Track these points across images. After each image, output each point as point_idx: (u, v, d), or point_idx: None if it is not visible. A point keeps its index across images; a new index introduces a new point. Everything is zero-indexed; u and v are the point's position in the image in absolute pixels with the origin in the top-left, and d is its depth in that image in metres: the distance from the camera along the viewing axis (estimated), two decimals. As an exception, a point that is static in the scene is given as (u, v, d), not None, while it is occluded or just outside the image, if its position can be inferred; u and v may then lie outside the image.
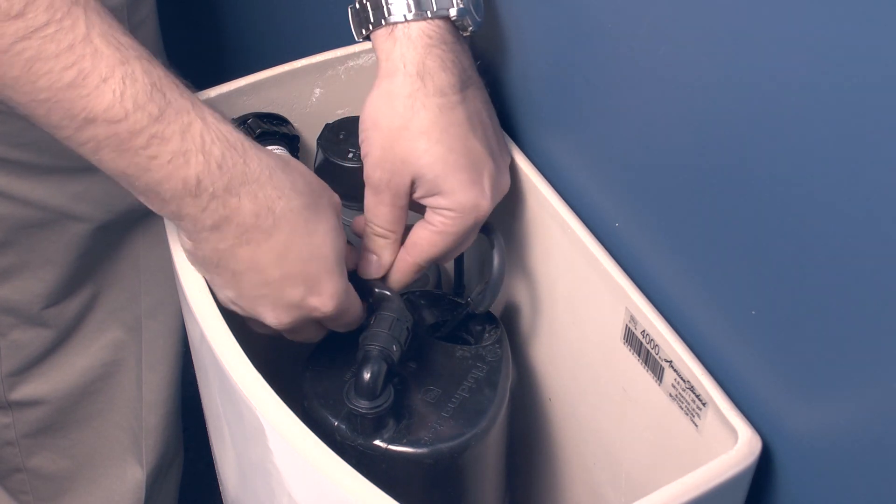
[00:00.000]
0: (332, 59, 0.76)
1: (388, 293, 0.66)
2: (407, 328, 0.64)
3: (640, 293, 0.64)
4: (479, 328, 0.72)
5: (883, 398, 0.51)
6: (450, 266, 0.79)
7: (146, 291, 0.96)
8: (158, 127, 0.54)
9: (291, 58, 0.76)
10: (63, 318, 0.93)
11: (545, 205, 0.70)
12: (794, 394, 0.56)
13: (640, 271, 0.65)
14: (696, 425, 0.61)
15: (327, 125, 0.74)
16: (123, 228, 0.92)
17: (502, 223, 0.76)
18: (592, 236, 0.67)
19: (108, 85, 0.53)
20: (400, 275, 0.67)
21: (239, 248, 0.58)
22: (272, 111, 0.75)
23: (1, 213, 0.85)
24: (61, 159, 0.82)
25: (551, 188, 0.70)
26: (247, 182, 0.57)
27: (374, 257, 0.67)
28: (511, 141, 0.73)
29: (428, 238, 0.65)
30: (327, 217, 0.61)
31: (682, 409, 0.62)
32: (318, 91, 0.77)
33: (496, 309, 0.72)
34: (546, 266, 0.73)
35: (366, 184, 0.65)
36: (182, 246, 0.61)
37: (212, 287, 0.63)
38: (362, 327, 0.65)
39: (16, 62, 0.51)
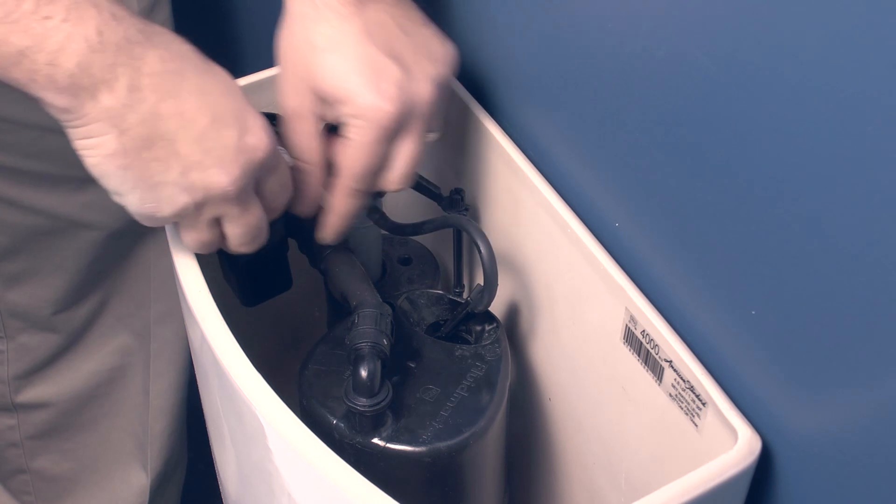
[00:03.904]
0: (332, 60, 0.76)
1: (364, 294, 0.66)
2: (390, 320, 0.64)
3: (640, 293, 0.64)
4: (478, 327, 0.71)
5: (883, 398, 0.50)
6: (450, 265, 0.79)
7: (156, 299, 0.96)
8: None
9: (292, 58, 0.76)
10: (72, 323, 0.94)
11: (545, 204, 0.70)
12: (793, 394, 0.56)
13: (640, 271, 0.65)
14: (696, 425, 0.61)
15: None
16: (134, 236, 0.92)
17: (501, 222, 0.76)
18: (592, 236, 0.67)
19: None
20: (338, 201, 0.66)
21: (161, 104, 0.56)
22: (272, 111, 0.75)
23: (11, 222, 0.85)
24: (71, 169, 0.83)
25: (551, 188, 0.70)
26: (143, 30, 0.56)
27: (297, 191, 0.66)
28: (510, 140, 0.73)
29: (344, 154, 0.65)
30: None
31: (681, 408, 0.62)
32: (318, 91, 0.77)
33: (496, 308, 0.72)
34: (546, 266, 0.73)
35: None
36: (105, 164, 0.57)
37: (153, 197, 0.59)
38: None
39: None
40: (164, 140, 0.57)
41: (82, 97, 0.54)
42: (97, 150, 0.56)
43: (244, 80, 0.74)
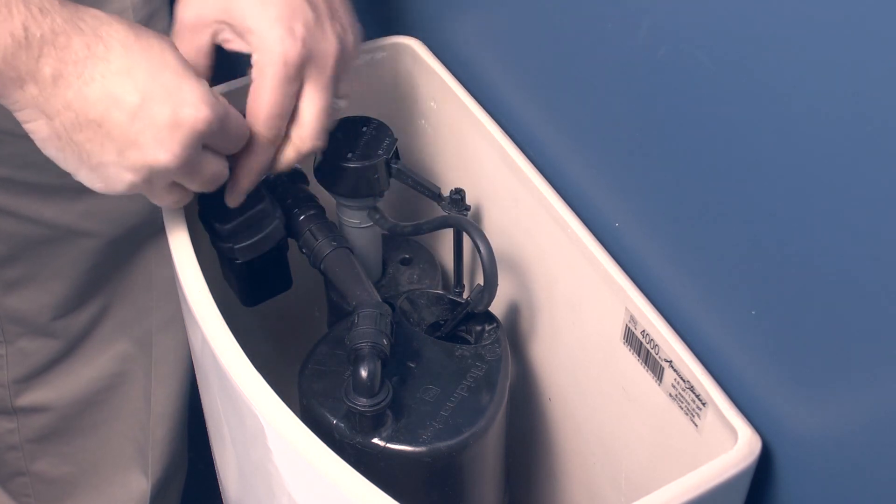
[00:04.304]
0: (332, 60, 0.76)
1: (364, 294, 0.66)
2: (389, 320, 0.64)
3: (640, 293, 0.64)
4: (478, 327, 0.71)
5: (882, 398, 0.50)
6: (450, 265, 0.79)
7: (158, 307, 0.96)
8: None
9: (292, 59, 0.76)
10: (71, 329, 0.94)
11: (545, 204, 0.70)
12: (793, 394, 0.56)
13: (640, 271, 0.65)
14: (696, 425, 0.61)
15: None
16: (135, 244, 0.92)
17: (501, 222, 0.76)
18: (592, 236, 0.67)
19: None
20: (247, 154, 0.65)
21: (86, 88, 0.57)
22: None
23: (9, 231, 0.85)
24: (69, 179, 0.82)
25: (551, 188, 0.70)
26: (70, 19, 0.57)
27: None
28: (510, 140, 0.73)
29: (250, 93, 0.63)
30: (157, 36, 0.60)
31: (681, 408, 0.62)
32: (318, 91, 0.77)
33: (496, 308, 0.72)
34: (546, 266, 0.73)
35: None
36: (46, 148, 0.59)
37: (99, 177, 0.60)
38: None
39: None
40: (94, 123, 0.58)
41: (10, 87, 0.56)
42: (34, 133, 0.58)
43: (242, 82, 0.74)
